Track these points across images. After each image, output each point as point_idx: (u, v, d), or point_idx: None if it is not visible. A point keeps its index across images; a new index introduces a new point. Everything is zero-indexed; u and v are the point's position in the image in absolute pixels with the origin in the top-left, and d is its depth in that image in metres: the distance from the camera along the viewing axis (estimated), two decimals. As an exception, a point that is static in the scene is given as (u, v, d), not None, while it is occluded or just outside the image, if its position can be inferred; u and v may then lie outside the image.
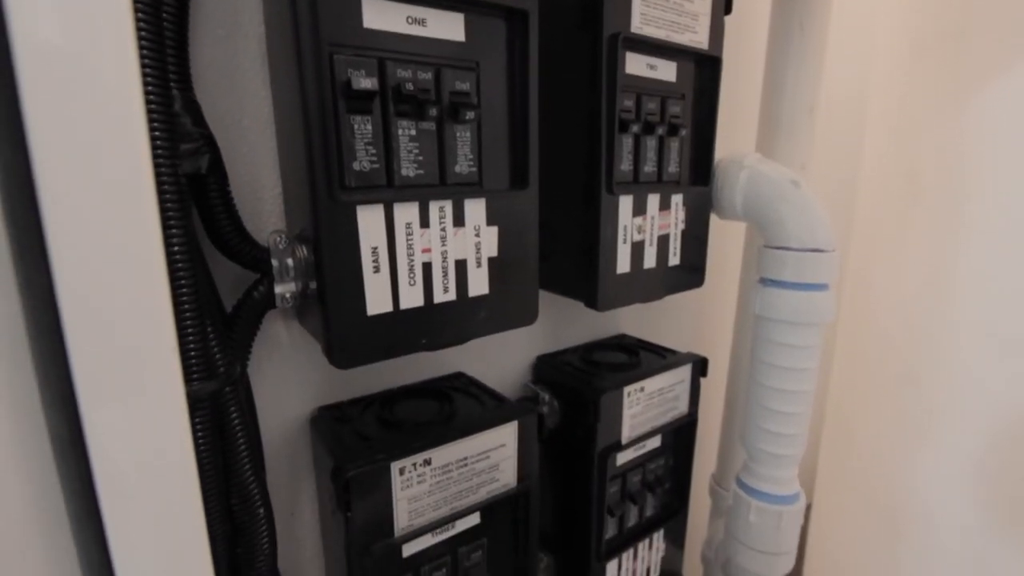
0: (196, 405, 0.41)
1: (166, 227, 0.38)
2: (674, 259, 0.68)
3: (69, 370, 0.32)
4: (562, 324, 0.78)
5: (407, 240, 0.45)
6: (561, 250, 0.64)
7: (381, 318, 0.45)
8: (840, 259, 0.68)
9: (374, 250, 0.43)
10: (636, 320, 0.87)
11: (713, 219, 0.74)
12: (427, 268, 0.46)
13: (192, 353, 0.40)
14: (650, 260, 0.65)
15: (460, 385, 0.64)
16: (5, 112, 0.28)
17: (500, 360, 0.72)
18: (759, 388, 0.73)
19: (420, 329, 0.47)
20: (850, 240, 0.95)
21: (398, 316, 0.46)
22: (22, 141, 0.29)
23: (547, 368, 0.73)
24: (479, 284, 0.50)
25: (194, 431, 0.41)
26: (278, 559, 0.55)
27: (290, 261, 0.48)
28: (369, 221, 0.43)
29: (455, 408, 0.58)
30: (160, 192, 0.37)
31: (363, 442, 0.52)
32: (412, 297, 0.46)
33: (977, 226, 0.77)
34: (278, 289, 0.48)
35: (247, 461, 0.45)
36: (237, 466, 0.45)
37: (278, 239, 0.47)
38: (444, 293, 0.48)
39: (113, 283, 0.32)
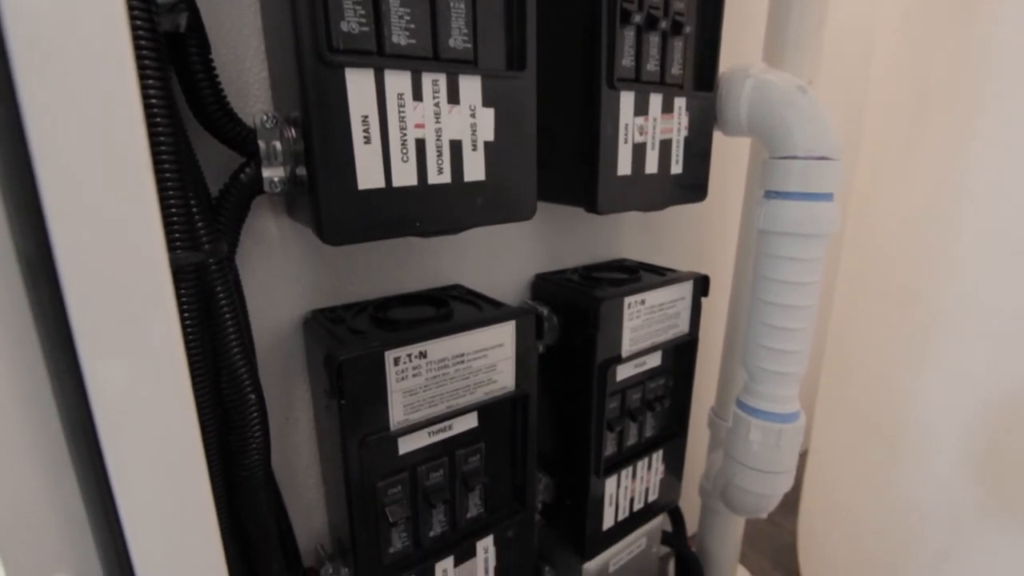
0: (179, 275, 0.39)
1: (143, 79, 0.36)
2: (676, 167, 0.66)
3: (46, 229, 0.30)
4: (561, 245, 0.77)
5: (399, 112, 0.43)
6: (560, 156, 0.62)
7: (373, 194, 0.43)
8: (845, 169, 0.66)
9: (364, 119, 0.41)
10: (636, 244, 0.86)
11: (717, 140, 0.71)
12: (420, 145, 0.44)
13: (175, 220, 0.38)
14: (652, 165, 0.63)
15: (457, 294, 0.62)
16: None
17: (497, 276, 0.71)
18: (761, 305, 0.72)
19: (414, 211, 0.45)
20: (857, 157, 0.93)
21: (391, 194, 0.44)
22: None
23: (546, 284, 0.72)
24: (475, 169, 0.48)
25: (178, 302, 0.39)
26: (272, 461, 0.54)
27: (278, 144, 0.46)
28: (359, 86, 0.40)
29: (451, 311, 0.56)
30: (136, 44, 0.35)
31: (357, 335, 0.50)
32: (405, 175, 0.44)
33: (984, 141, 0.75)
34: (266, 173, 0.46)
35: (235, 343, 0.44)
36: (225, 347, 0.43)
37: (265, 118, 0.45)
38: (439, 174, 0.46)
39: (87, 140, 0.31)
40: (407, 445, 0.52)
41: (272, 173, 0.46)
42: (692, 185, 0.70)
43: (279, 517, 0.56)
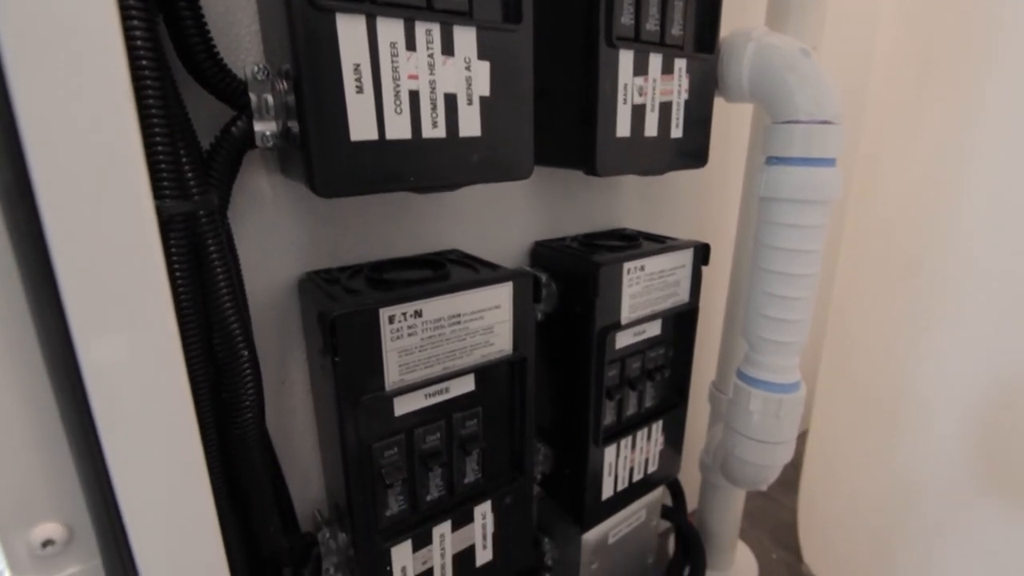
0: (169, 224, 0.39)
1: (127, 19, 0.35)
2: (676, 131, 0.65)
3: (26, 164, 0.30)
4: (560, 213, 0.76)
5: (392, 61, 0.42)
6: (559, 119, 0.61)
7: (366, 146, 0.42)
8: (847, 134, 0.65)
9: (356, 67, 0.40)
10: (636, 213, 0.85)
11: (718, 108, 0.70)
12: (414, 97, 0.44)
13: (163, 167, 0.37)
14: (651, 128, 0.62)
15: (455, 257, 0.62)
16: None
17: (495, 243, 0.70)
18: (762, 274, 0.71)
19: (408, 165, 0.45)
20: (861, 126, 0.91)
21: (384, 147, 0.43)
22: None
23: (545, 251, 0.71)
24: (471, 124, 0.47)
25: (167, 253, 0.38)
26: (269, 425, 0.54)
27: (269, 97, 0.45)
28: (350, 32, 0.39)
29: (448, 272, 0.56)
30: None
31: (351, 294, 0.50)
32: (399, 127, 0.43)
33: (990, 109, 0.74)
34: (258, 127, 0.46)
35: (227, 298, 0.43)
36: (217, 303, 0.43)
37: (256, 69, 0.45)
38: (433, 128, 0.45)
39: (69, 77, 0.30)
40: (403, 407, 0.52)
41: (264, 127, 0.46)
42: (692, 150, 0.69)
43: (275, 479, 0.56)
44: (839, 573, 0.98)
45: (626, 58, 0.57)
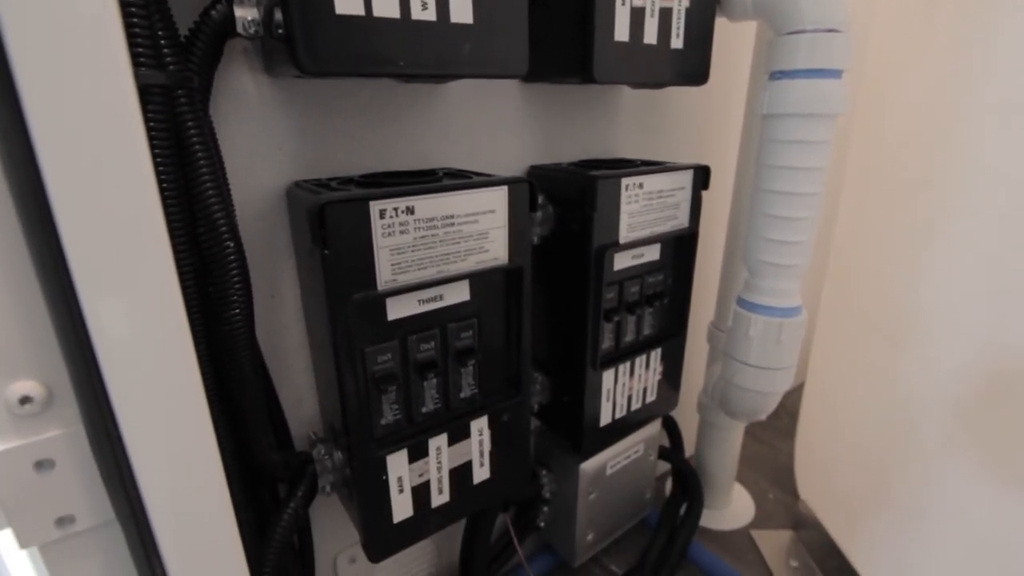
0: (146, 95, 0.37)
1: None
2: (677, 41, 0.63)
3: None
4: (555, 139, 0.73)
5: (377, -71, 0.40)
6: (555, 28, 0.58)
7: (352, 21, 0.40)
8: (854, 45, 0.63)
9: (339, -66, 0.38)
10: (634, 142, 0.83)
11: (718, 33, 0.68)
12: (402, -27, 0.42)
13: (136, 30, 0.36)
14: (651, 35, 0.60)
15: (449, 172, 0.60)
16: None
17: (490, 165, 0.68)
18: (763, 195, 0.70)
19: (397, 47, 0.43)
20: (869, 38, 0.88)
21: (371, 24, 0.41)
22: None
23: (541, 173, 0.69)
24: (462, 9, 0.45)
25: (147, 125, 0.37)
26: (260, 343, 0.52)
27: (250, -19, 0.43)
28: None
29: (441, 179, 0.54)
30: None
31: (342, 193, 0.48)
32: (386, 4, 0.41)
33: (1008, 16, 0.69)
34: (239, 12, 0.43)
35: (210, 185, 0.41)
36: (198, 189, 0.41)
37: (234, -53, 0.42)
38: (423, 10, 0.43)
39: None
40: (396, 311, 0.51)
41: (245, 12, 0.44)
42: (692, 67, 0.67)
43: (268, 394, 0.55)
44: (836, 508, 0.98)
45: (624, -45, 0.55)
